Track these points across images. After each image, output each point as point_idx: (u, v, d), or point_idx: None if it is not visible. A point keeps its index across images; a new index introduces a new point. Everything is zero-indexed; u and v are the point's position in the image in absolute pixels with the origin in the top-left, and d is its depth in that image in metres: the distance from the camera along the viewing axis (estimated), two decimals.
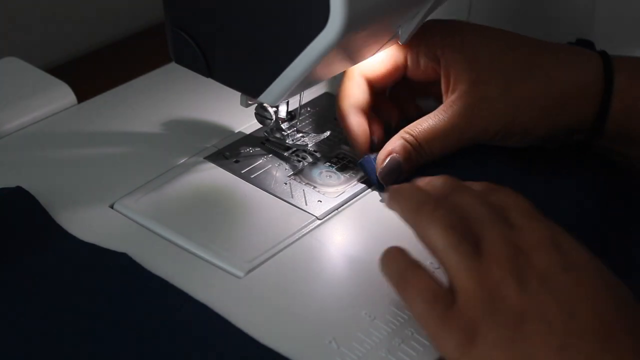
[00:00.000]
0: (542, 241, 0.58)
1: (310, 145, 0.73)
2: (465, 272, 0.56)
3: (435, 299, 0.56)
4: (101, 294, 0.62)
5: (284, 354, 0.58)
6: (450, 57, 0.72)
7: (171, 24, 0.68)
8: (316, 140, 0.73)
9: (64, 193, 0.70)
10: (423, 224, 0.58)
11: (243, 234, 0.67)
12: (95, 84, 0.84)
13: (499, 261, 0.56)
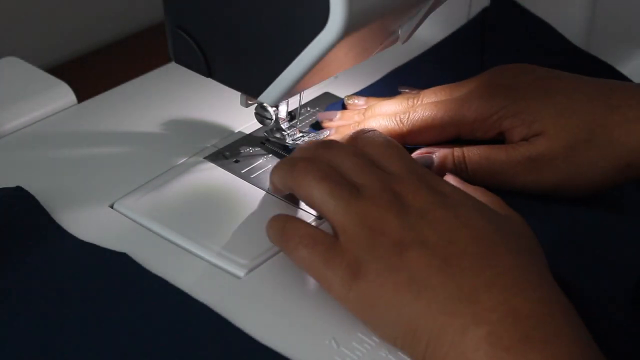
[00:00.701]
0: (417, 183, 0.60)
1: None
2: (343, 213, 0.59)
3: (315, 241, 0.59)
4: (101, 294, 0.62)
5: (284, 354, 0.58)
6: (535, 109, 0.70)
7: (171, 24, 0.68)
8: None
9: (64, 193, 0.70)
10: (298, 181, 0.61)
11: (243, 234, 0.67)
12: (95, 84, 0.84)
13: (377, 201, 0.59)
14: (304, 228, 0.60)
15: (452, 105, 0.71)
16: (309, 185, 0.61)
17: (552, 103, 0.70)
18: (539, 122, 0.69)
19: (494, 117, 0.70)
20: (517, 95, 0.70)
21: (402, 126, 0.72)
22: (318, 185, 0.60)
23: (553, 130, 0.69)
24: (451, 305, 0.55)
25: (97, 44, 0.99)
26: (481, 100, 0.71)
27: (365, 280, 0.57)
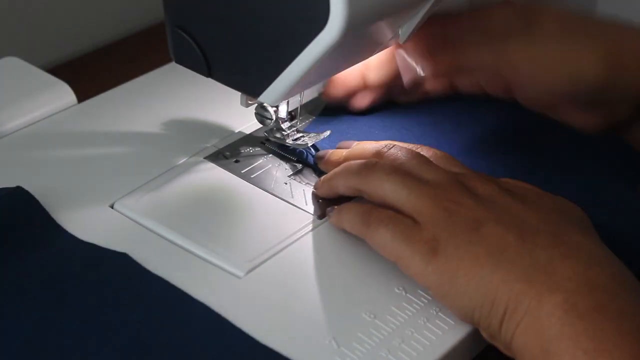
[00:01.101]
0: (481, 178, 0.63)
1: (310, 144, 0.73)
2: (417, 198, 0.61)
3: (396, 222, 0.61)
4: (101, 294, 0.62)
5: (284, 354, 0.58)
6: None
7: (171, 24, 0.68)
8: (316, 140, 0.73)
9: (64, 193, 0.70)
10: (368, 179, 0.63)
11: (243, 234, 0.67)
12: (95, 84, 0.84)
13: (448, 187, 0.61)
14: (386, 212, 0.62)
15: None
16: (379, 179, 0.63)
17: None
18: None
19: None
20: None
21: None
22: (388, 178, 0.62)
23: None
24: (528, 274, 0.57)
25: (97, 44, 0.99)
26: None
27: (445, 254, 0.59)
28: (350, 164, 0.66)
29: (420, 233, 0.60)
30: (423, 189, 0.61)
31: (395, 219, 0.61)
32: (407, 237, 0.60)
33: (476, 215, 0.60)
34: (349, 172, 0.65)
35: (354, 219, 0.64)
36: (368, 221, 0.62)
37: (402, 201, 0.62)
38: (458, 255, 0.58)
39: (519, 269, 0.57)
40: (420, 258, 0.59)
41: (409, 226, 0.61)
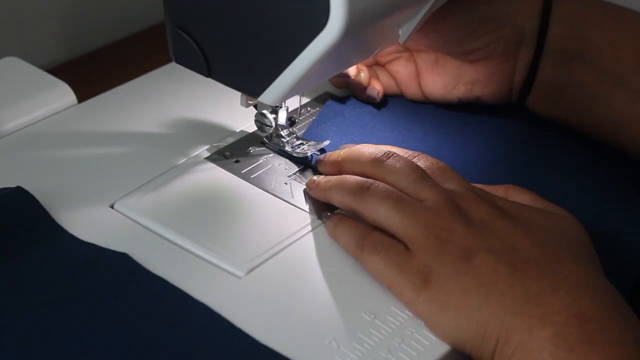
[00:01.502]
0: (475, 198, 0.63)
1: (310, 154, 0.73)
2: (410, 224, 0.61)
3: (389, 249, 0.61)
4: (101, 293, 0.62)
5: (284, 354, 0.58)
6: None
7: (171, 24, 0.68)
8: (315, 149, 0.73)
9: (64, 193, 0.70)
10: (362, 202, 0.64)
11: (243, 234, 0.67)
12: (95, 84, 0.84)
13: (441, 211, 0.61)
14: (379, 236, 0.62)
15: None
16: (373, 204, 0.63)
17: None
18: None
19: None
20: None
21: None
22: (381, 202, 0.63)
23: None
24: (519, 307, 0.57)
25: (97, 44, 0.99)
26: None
27: (436, 285, 0.59)
28: (347, 181, 0.66)
29: (412, 261, 0.60)
30: (416, 214, 0.61)
31: (388, 246, 0.62)
32: (399, 266, 0.61)
33: (467, 243, 0.60)
34: (345, 189, 0.65)
35: (349, 239, 0.64)
36: (362, 245, 0.63)
37: (395, 226, 0.62)
38: (448, 286, 0.59)
39: (510, 302, 0.57)
40: (412, 287, 0.60)
41: (401, 253, 0.61)
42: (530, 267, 0.59)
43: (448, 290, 0.59)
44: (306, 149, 0.73)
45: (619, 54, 0.72)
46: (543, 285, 0.58)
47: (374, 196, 0.63)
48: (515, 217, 0.62)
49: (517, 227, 0.61)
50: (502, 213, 0.62)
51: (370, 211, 0.63)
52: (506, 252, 0.59)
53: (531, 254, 0.59)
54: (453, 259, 0.59)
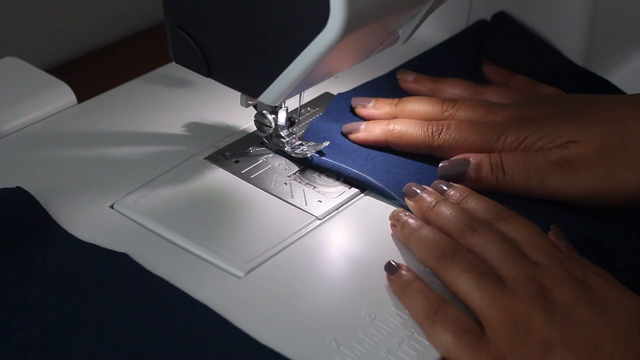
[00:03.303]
0: (563, 277, 0.59)
1: (309, 155, 0.73)
2: (489, 307, 0.59)
3: (465, 330, 0.59)
4: (101, 294, 0.62)
5: (284, 354, 0.58)
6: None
7: (171, 24, 0.68)
8: (315, 150, 0.73)
9: (64, 193, 0.70)
10: (445, 270, 0.61)
11: (243, 234, 0.67)
12: (95, 84, 0.84)
13: (522, 295, 0.59)
14: (455, 313, 0.60)
15: (485, 133, 0.72)
16: (456, 275, 0.61)
17: (580, 119, 0.70)
18: (567, 135, 0.69)
19: (522, 145, 0.71)
20: (546, 121, 0.71)
21: (433, 140, 0.72)
22: (465, 276, 0.60)
23: (583, 138, 0.69)
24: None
25: (97, 44, 0.99)
26: (512, 133, 0.71)
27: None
28: (432, 241, 0.63)
29: (487, 348, 0.58)
30: (496, 295, 0.59)
31: (462, 327, 0.59)
32: (472, 350, 0.58)
33: (547, 336, 0.57)
34: (429, 249, 0.63)
35: (418, 308, 0.61)
36: (433, 317, 0.60)
37: (474, 304, 0.59)
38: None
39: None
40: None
41: (476, 337, 0.58)
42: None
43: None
44: (305, 150, 0.73)
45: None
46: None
47: (457, 267, 0.61)
48: (602, 301, 0.58)
49: (603, 316, 0.57)
50: (589, 296, 0.59)
51: (450, 282, 0.61)
52: (587, 349, 0.56)
53: (613, 352, 0.56)
54: (530, 353, 0.57)
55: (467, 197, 0.67)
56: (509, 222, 0.64)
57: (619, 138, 0.68)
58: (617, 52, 0.90)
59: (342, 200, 0.70)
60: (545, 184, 0.69)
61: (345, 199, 0.70)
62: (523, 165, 0.69)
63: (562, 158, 0.69)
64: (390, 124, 0.74)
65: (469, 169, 0.70)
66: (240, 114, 0.75)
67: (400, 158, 0.73)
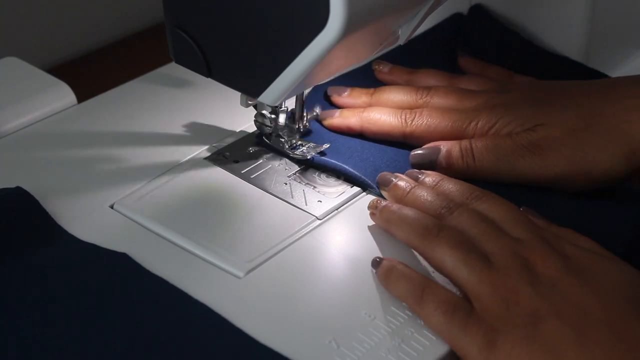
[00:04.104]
0: (545, 250, 0.61)
1: (310, 157, 0.73)
2: (477, 283, 0.59)
3: (455, 308, 0.59)
4: (101, 294, 0.62)
5: (284, 354, 0.58)
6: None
7: (171, 24, 0.68)
8: (316, 152, 0.73)
9: (64, 193, 0.70)
10: (429, 248, 0.62)
11: (243, 234, 0.67)
12: (95, 84, 0.84)
13: (508, 270, 0.60)
14: (443, 293, 0.60)
15: (456, 118, 0.73)
16: (442, 252, 0.61)
17: (548, 103, 0.72)
18: (535, 119, 0.71)
19: (492, 129, 0.72)
20: (516, 107, 0.72)
21: (406, 126, 0.74)
22: (451, 252, 0.61)
23: (550, 121, 0.70)
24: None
25: (97, 44, 0.99)
26: (482, 118, 0.72)
27: (502, 349, 0.57)
28: (413, 220, 0.64)
29: (478, 322, 0.59)
30: (484, 271, 0.60)
31: (451, 306, 0.59)
32: (465, 326, 0.59)
33: (535, 307, 0.58)
34: (411, 228, 0.64)
35: (405, 292, 0.62)
36: (421, 299, 0.60)
37: (462, 281, 0.60)
38: (515, 352, 0.57)
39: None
40: (477, 349, 0.58)
41: (466, 314, 0.59)
42: (599, 333, 0.57)
43: (515, 356, 0.57)
44: (305, 151, 0.73)
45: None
46: (612, 353, 0.56)
47: (443, 244, 0.61)
48: (585, 270, 0.60)
49: (588, 284, 0.59)
50: (572, 267, 0.60)
51: (437, 259, 0.62)
52: (575, 316, 0.57)
53: (601, 317, 0.57)
54: (520, 323, 0.58)
55: (441, 181, 0.68)
56: (484, 202, 0.65)
57: (586, 120, 0.70)
58: (617, 52, 0.90)
59: (342, 200, 0.70)
60: (515, 167, 0.70)
61: (345, 199, 0.70)
62: (493, 151, 0.71)
63: (530, 142, 0.70)
64: (365, 112, 0.75)
65: (439, 156, 0.71)
66: (240, 114, 0.75)
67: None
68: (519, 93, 0.74)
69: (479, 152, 0.71)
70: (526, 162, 0.70)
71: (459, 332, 0.59)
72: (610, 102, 0.70)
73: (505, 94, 0.74)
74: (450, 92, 0.76)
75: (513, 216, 0.64)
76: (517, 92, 0.74)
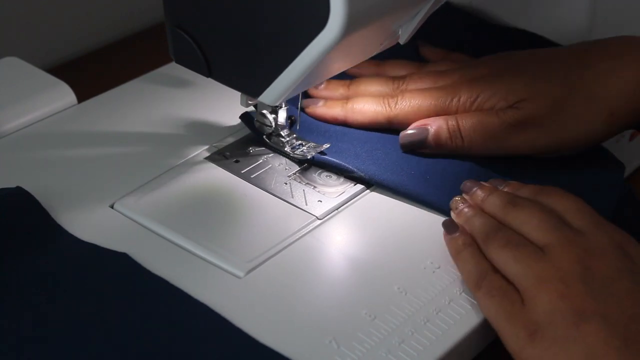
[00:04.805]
0: (606, 246, 0.60)
1: (310, 157, 0.73)
2: (525, 276, 0.60)
3: (504, 297, 0.60)
4: (101, 294, 0.62)
5: (284, 354, 0.58)
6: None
7: (171, 24, 0.68)
8: (316, 152, 0.73)
9: (64, 193, 0.70)
10: (489, 250, 0.63)
11: (243, 234, 0.67)
12: (95, 84, 0.84)
13: (560, 262, 0.59)
14: (499, 281, 0.61)
15: (438, 96, 0.74)
16: (495, 252, 0.62)
17: (527, 74, 0.73)
18: (517, 92, 0.72)
19: (475, 103, 0.73)
20: (494, 78, 0.74)
21: (390, 110, 0.75)
22: (501, 251, 0.62)
23: (532, 94, 0.72)
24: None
25: (97, 44, 0.99)
26: (463, 93, 0.74)
27: (541, 344, 0.57)
28: (477, 224, 0.65)
29: (523, 314, 0.58)
30: (532, 264, 0.60)
31: (503, 293, 0.60)
32: (510, 316, 0.59)
33: (583, 305, 0.57)
34: (475, 230, 0.65)
35: (469, 273, 0.63)
36: (480, 284, 0.61)
37: (511, 275, 0.61)
38: (553, 350, 0.57)
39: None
40: (517, 341, 0.58)
41: (515, 304, 0.59)
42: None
43: (553, 353, 0.57)
44: (305, 151, 0.73)
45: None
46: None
47: (495, 244, 0.62)
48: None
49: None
50: (630, 269, 0.59)
51: (493, 259, 0.62)
52: (622, 323, 0.56)
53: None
54: (564, 321, 0.57)
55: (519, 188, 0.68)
56: (551, 196, 0.65)
57: (566, 88, 0.72)
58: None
59: (342, 200, 0.70)
60: (503, 145, 0.72)
61: (345, 198, 0.71)
62: (480, 130, 0.72)
63: (516, 120, 0.72)
64: (349, 103, 0.76)
65: (428, 137, 0.73)
66: (240, 114, 0.75)
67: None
68: (493, 66, 0.75)
69: (467, 133, 0.72)
70: (513, 139, 0.72)
71: (503, 320, 0.59)
72: (586, 68, 0.72)
73: (480, 69, 0.76)
74: (424, 76, 0.77)
75: (578, 207, 0.64)
76: (491, 65, 0.76)
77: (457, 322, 0.61)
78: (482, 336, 0.62)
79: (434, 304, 0.62)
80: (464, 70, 0.76)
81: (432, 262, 0.65)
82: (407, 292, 0.63)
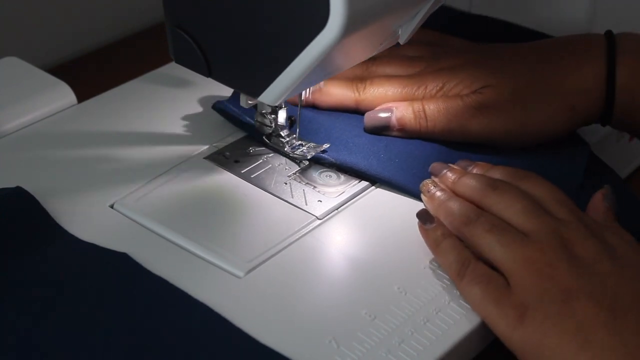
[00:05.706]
0: (585, 231, 0.62)
1: (309, 157, 0.73)
2: (511, 260, 0.61)
3: (489, 281, 0.61)
4: (101, 293, 0.62)
5: (284, 354, 0.58)
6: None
7: (171, 24, 0.68)
8: (315, 152, 0.73)
9: (64, 193, 0.70)
10: (470, 235, 0.63)
11: (243, 234, 0.67)
12: (95, 84, 0.84)
13: (545, 246, 0.61)
14: (482, 268, 0.62)
15: (405, 84, 0.76)
16: (479, 237, 0.63)
17: (491, 66, 0.75)
18: (481, 81, 0.74)
19: (441, 92, 0.75)
20: (460, 69, 0.75)
21: (358, 95, 0.76)
22: (485, 235, 0.62)
23: (496, 82, 0.73)
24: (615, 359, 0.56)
25: (97, 44, 0.99)
26: (429, 82, 0.75)
27: (532, 324, 0.58)
28: (456, 208, 0.65)
29: (511, 297, 0.59)
30: (519, 248, 0.61)
31: (488, 278, 0.61)
32: (497, 299, 0.60)
33: (569, 285, 0.59)
34: (454, 215, 0.65)
35: (450, 263, 0.63)
36: (463, 273, 0.62)
37: (497, 259, 0.61)
38: (545, 327, 0.58)
39: (606, 354, 0.56)
40: (507, 323, 0.59)
41: (500, 287, 0.60)
42: (630, 319, 0.57)
43: (544, 330, 0.58)
44: (305, 151, 0.73)
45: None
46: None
47: (479, 228, 0.63)
48: (622, 258, 0.61)
49: (623, 272, 0.60)
50: (610, 253, 0.61)
51: (474, 243, 0.63)
52: (609, 300, 0.58)
53: (633, 304, 0.58)
54: (552, 299, 0.58)
55: (489, 170, 0.70)
56: (529, 181, 0.66)
57: (528, 80, 0.74)
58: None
59: (342, 200, 0.70)
60: (466, 128, 0.73)
61: (346, 198, 0.71)
62: (444, 112, 0.74)
63: (478, 103, 0.73)
64: (317, 85, 0.77)
65: (392, 119, 0.74)
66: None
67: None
68: (460, 57, 0.77)
69: (432, 114, 0.74)
70: (476, 123, 0.73)
71: (490, 305, 0.60)
72: (546, 64, 0.74)
73: (447, 59, 0.77)
74: (392, 60, 0.78)
75: (557, 196, 0.65)
76: (458, 55, 0.77)
77: (457, 322, 0.61)
78: (482, 336, 0.62)
79: (434, 304, 0.62)
80: (431, 61, 0.78)
81: (432, 262, 0.65)
82: (407, 292, 0.63)
